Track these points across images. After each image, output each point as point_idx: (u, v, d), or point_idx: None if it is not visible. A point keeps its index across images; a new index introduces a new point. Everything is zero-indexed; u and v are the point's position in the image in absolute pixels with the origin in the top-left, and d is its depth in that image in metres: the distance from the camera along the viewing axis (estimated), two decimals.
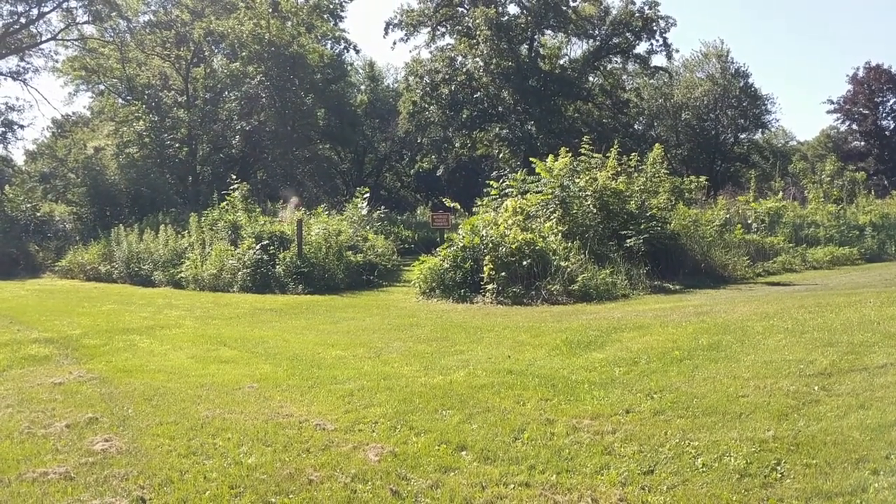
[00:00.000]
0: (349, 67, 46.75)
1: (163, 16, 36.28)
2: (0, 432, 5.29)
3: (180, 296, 16.20)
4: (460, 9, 39.92)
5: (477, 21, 36.37)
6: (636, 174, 17.01)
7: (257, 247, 17.13)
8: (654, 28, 38.43)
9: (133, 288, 19.03)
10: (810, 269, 17.65)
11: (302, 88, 37.61)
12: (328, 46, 42.38)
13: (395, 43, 63.38)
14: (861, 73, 49.81)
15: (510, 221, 14.45)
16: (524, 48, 39.67)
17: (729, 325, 8.12)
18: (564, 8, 37.83)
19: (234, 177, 22.42)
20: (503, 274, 12.90)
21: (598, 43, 40.49)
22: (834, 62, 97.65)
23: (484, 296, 12.86)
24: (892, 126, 50.30)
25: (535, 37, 40.46)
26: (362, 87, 50.12)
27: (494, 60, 36.68)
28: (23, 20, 33.40)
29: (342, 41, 42.43)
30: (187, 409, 5.84)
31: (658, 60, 41.90)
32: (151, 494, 4.12)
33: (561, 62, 42.61)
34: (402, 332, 9.62)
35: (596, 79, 42.83)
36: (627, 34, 39.27)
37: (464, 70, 38.85)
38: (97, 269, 21.94)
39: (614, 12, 39.29)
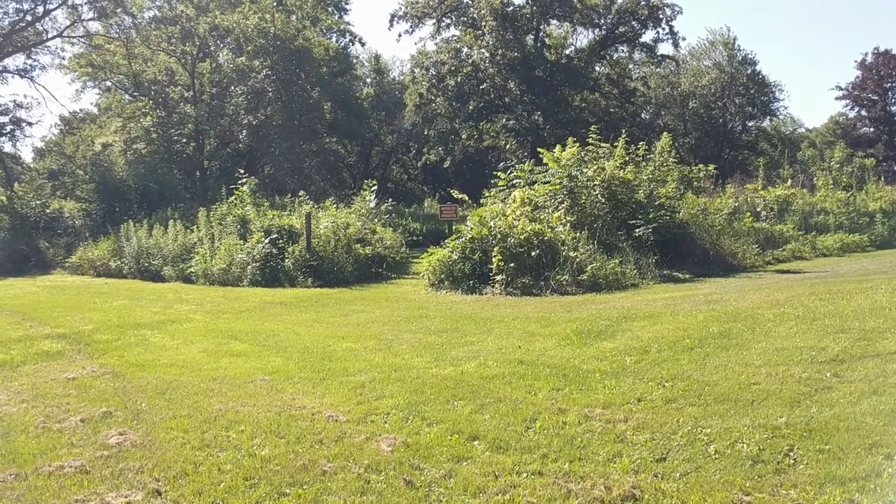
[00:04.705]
0: (355, 60, 46.65)
1: (168, 11, 36.26)
2: (16, 427, 5.34)
3: (190, 290, 16.28)
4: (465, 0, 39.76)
5: (482, 12, 36.18)
6: (644, 163, 16.95)
7: (266, 241, 17.17)
8: (661, 16, 38.10)
9: (143, 283, 19.13)
10: (820, 257, 17.57)
11: (308, 82, 37.57)
12: (333, 40, 42.34)
13: (400, 35, 63.11)
14: (870, 59, 49.27)
15: (518, 212, 14.42)
16: (530, 38, 39.43)
17: (739, 313, 8.09)
18: None
19: (241, 171, 22.44)
20: (512, 265, 12.89)
21: (604, 32, 40.21)
22: (842, 48, 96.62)
23: (493, 287, 12.87)
24: None
25: (541, 27, 40.19)
26: (368, 80, 50.01)
27: (500, 51, 36.50)
28: (29, 17, 33.47)
29: (347, 34, 42.44)
30: (200, 402, 5.88)
31: (664, 49, 41.53)
32: (167, 487, 4.15)
33: (567, 52, 42.29)
34: (411, 324, 9.63)
35: (602, 68, 42.54)
36: (633, 23, 38.94)
37: (469, 61, 38.68)
38: (107, 264, 22.06)
39: (620, 1, 39.02)
